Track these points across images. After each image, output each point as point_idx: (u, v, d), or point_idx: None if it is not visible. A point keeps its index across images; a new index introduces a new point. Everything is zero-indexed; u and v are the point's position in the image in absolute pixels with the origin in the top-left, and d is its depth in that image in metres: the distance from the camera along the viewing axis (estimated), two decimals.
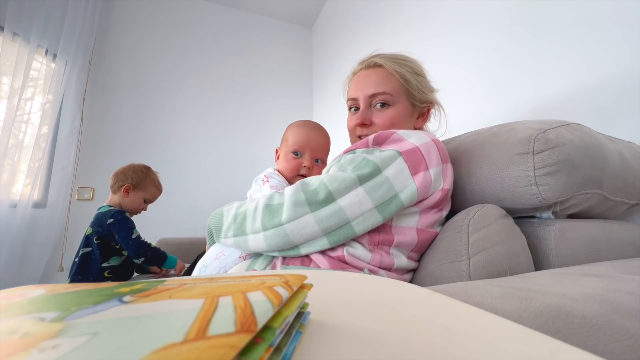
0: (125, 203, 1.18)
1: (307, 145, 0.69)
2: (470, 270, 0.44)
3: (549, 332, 0.21)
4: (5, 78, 1.56)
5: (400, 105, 0.61)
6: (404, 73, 0.61)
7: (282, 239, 0.47)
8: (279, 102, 2.53)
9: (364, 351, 0.14)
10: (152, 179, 1.24)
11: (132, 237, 1.09)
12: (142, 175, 1.20)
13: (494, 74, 1.03)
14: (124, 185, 1.16)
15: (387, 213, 0.47)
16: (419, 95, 0.62)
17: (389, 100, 0.61)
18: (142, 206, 1.23)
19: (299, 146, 0.69)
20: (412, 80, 0.61)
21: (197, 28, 2.34)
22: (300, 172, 0.69)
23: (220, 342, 0.09)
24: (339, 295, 0.23)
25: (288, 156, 0.69)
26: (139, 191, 1.20)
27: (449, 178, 0.52)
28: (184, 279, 0.19)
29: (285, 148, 0.70)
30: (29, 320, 0.12)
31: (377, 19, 1.76)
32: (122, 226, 1.10)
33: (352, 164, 0.50)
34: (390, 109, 0.61)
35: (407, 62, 0.63)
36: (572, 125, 0.50)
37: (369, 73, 0.63)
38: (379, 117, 0.61)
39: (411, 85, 0.61)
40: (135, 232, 1.12)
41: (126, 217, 1.13)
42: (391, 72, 0.61)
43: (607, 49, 0.73)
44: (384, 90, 0.60)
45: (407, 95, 0.61)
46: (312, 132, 0.70)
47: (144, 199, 1.22)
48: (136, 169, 1.21)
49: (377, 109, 0.62)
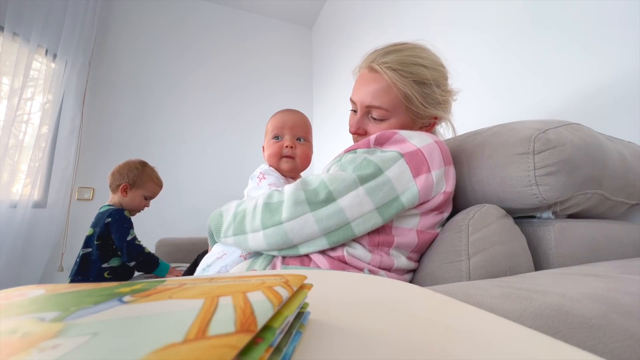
0: (125, 202, 1.16)
1: (283, 126, 0.69)
2: (470, 270, 0.44)
3: (549, 332, 0.21)
4: (5, 78, 1.56)
5: (397, 120, 0.57)
6: (404, 88, 0.54)
7: (281, 238, 0.46)
8: (279, 102, 2.53)
9: (363, 351, 0.14)
10: (149, 174, 1.21)
11: (127, 239, 1.07)
12: (138, 173, 1.17)
13: (495, 74, 1.03)
14: (121, 185, 1.14)
15: (387, 215, 0.47)
16: (422, 111, 0.56)
17: (384, 116, 0.57)
18: (142, 203, 1.21)
19: (277, 129, 0.70)
20: (414, 95, 0.54)
21: (197, 28, 2.34)
22: (284, 154, 0.69)
23: (220, 342, 0.09)
24: (339, 295, 0.23)
25: (269, 143, 0.70)
26: (137, 189, 1.17)
27: (451, 181, 0.51)
28: (184, 279, 0.20)
29: (267, 137, 0.72)
30: (29, 320, 0.12)
31: (377, 18, 1.76)
32: (118, 226, 1.08)
33: (353, 164, 0.49)
34: (386, 122, 0.57)
35: (413, 68, 0.54)
36: (572, 125, 0.50)
37: (369, 78, 0.58)
38: (374, 128, 0.58)
39: (412, 102, 0.55)
40: (131, 234, 1.09)
41: (124, 217, 1.11)
42: (390, 85, 0.55)
43: (608, 49, 0.73)
44: (380, 104, 0.56)
45: (406, 110, 0.57)
46: (286, 114, 0.71)
47: (144, 196, 1.19)
48: (132, 167, 1.18)
49: (372, 119, 0.59)
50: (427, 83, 0.55)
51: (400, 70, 0.54)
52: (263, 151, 0.75)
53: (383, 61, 0.56)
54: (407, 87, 0.54)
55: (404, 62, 0.55)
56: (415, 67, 0.55)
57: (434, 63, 0.57)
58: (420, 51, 0.57)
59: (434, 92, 0.56)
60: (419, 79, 0.54)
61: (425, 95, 0.55)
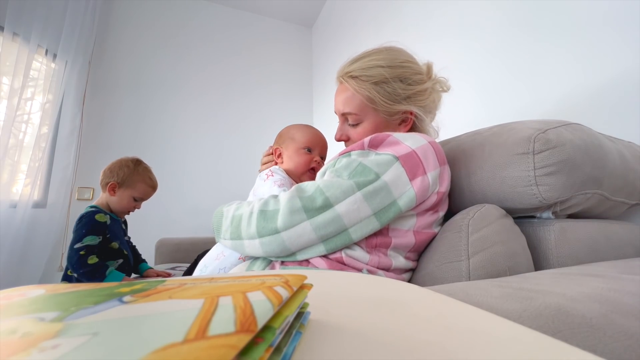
0: (113, 202, 1.08)
1: (317, 143, 0.75)
2: (470, 270, 0.44)
3: (549, 332, 0.21)
4: (5, 78, 1.56)
5: (370, 121, 0.61)
6: (365, 91, 0.58)
7: (278, 247, 0.47)
8: (278, 102, 2.54)
9: (363, 351, 0.14)
10: (141, 174, 1.11)
11: (74, 246, 0.95)
12: (129, 172, 1.08)
13: (493, 75, 1.03)
14: (109, 183, 1.06)
15: (385, 219, 0.47)
16: (389, 109, 0.59)
17: (357, 120, 0.61)
18: (131, 204, 1.11)
19: (310, 143, 0.73)
20: (377, 96, 0.58)
21: (197, 28, 2.34)
22: (312, 166, 0.73)
23: (220, 342, 0.09)
24: (339, 295, 0.23)
25: (300, 152, 0.73)
26: (126, 189, 1.08)
27: (445, 181, 0.52)
28: (184, 279, 0.20)
29: (295, 145, 0.74)
30: (29, 320, 0.12)
31: (376, 18, 1.76)
32: (77, 228, 0.98)
33: (348, 170, 0.49)
34: (360, 126, 0.62)
35: (371, 71, 0.58)
36: (572, 125, 0.50)
37: (340, 89, 0.63)
38: (353, 133, 0.63)
39: (376, 102, 0.58)
40: (84, 241, 0.96)
41: (88, 223, 0.99)
42: (353, 92, 0.60)
43: (606, 50, 0.73)
44: (350, 110, 0.61)
45: (374, 111, 0.60)
46: (318, 135, 0.76)
47: (133, 197, 1.10)
48: (123, 165, 1.09)
49: (350, 125, 0.63)
50: (387, 82, 0.58)
51: (360, 76, 0.59)
52: (275, 153, 0.77)
53: (346, 71, 0.61)
54: (367, 89, 0.58)
55: (363, 67, 0.59)
56: (373, 69, 0.58)
57: (394, 61, 0.59)
58: (384, 53, 0.60)
59: (396, 89, 0.58)
60: (378, 80, 0.58)
61: (388, 94, 0.58)
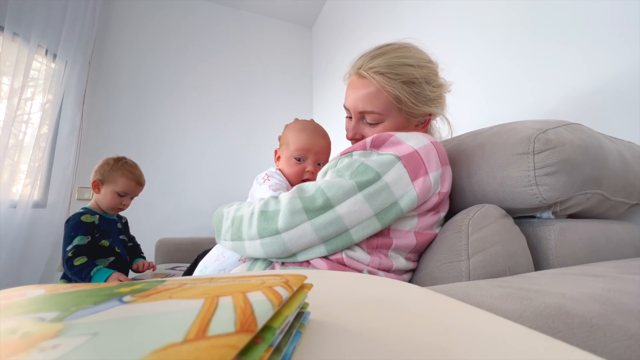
0: (100, 200, 1.10)
1: (309, 150, 0.67)
2: (470, 270, 0.44)
3: (549, 332, 0.21)
4: (5, 78, 1.56)
5: (391, 122, 0.57)
6: (394, 90, 0.54)
7: (279, 248, 0.46)
8: (279, 102, 2.53)
9: (364, 351, 0.14)
10: (121, 169, 1.11)
11: (66, 249, 0.98)
12: (109, 168, 1.09)
13: (493, 73, 1.03)
14: (93, 182, 1.09)
15: (386, 220, 0.47)
16: (415, 110, 0.56)
17: (378, 120, 0.57)
18: (117, 201, 1.10)
19: (301, 152, 0.67)
20: (405, 95, 0.54)
21: (197, 28, 2.34)
22: (304, 177, 0.68)
23: (220, 342, 0.09)
24: (339, 295, 0.23)
25: (290, 161, 0.67)
26: (108, 185, 1.09)
27: (447, 181, 0.51)
28: (184, 279, 0.20)
29: (287, 153, 0.68)
30: (29, 320, 0.12)
31: (376, 18, 1.76)
32: (66, 232, 1.00)
33: (350, 170, 0.49)
34: (381, 125, 0.58)
35: (400, 69, 0.55)
36: (572, 125, 0.50)
37: (358, 84, 0.58)
38: (370, 132, 0.59)
39: (403, 102, 0.55)
40: (73, 242, 0.98)
41: (74, 225, 1.01)
42: (379, 89, 0.55)
43: (607, 49, 0.73)
44: (372, 109, 0.56)
45: (398, 111, 0.57)
46: (314, 137, 0.68)
47: (117, 192, 1.10)
48: (104, 163, 1.11)
49: (367, 124, 0.59)
50: (415, 82, 0.55)
51: (388, 73, 0.54)
52: (275, 154, 0.74)
53: (370, 66, 0.56)
54: (397, 89, 0.54)
55: (391, 64, 0.55)
56: (402, 67, 0.55)
57: (420, 61, 0.56)
58: (406, 51, 0.57)
59: (424, 90, 0.56)
60: (407, 79, 0.54)
61: (415, 94, 0.55)
